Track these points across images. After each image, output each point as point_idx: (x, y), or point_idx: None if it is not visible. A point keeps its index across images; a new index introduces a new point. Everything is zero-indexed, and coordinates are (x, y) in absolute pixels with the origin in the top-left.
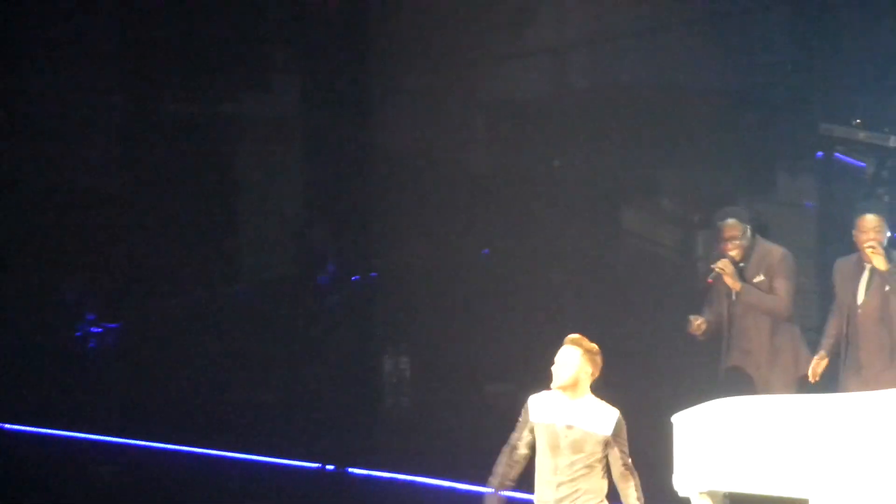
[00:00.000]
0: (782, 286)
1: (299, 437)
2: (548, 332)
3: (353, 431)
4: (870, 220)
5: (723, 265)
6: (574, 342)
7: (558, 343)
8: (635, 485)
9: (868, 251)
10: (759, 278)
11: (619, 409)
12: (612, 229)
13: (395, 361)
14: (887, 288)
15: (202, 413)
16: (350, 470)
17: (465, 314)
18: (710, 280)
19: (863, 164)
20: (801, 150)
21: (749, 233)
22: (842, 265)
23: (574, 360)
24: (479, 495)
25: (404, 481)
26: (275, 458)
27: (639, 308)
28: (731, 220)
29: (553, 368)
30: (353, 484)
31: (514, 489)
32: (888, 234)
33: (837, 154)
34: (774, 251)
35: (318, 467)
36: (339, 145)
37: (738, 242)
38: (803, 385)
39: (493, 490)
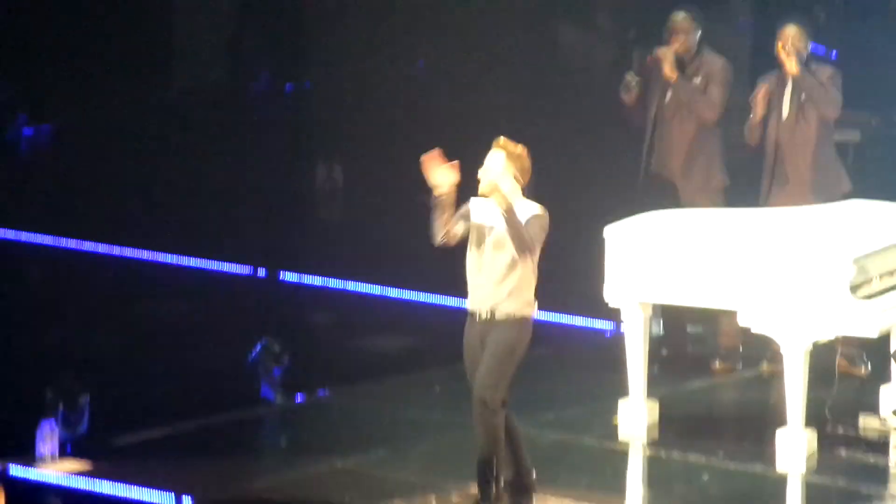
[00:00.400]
0: (716, 92)
1: (231, 242)
2: (480, 140)
3: (286, 238)
4: (789, 29)
5: (664, 52)
6: (498, 145)
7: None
8: (520, 236)
9: (781, 54)
10: (697, 79)
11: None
12: (549, 42)
13: (329, 170)
14: (803, 96)
15: (134, 214)
16: (281, 274)
17: (398, 124)
18: (649, 59)
19: None
20: None
21: (697, 35)
22: (765, 81)
23: (497, 164)
24: (409, 302)
25: (335, 288)
26: (207, 261)
27: (572, 118)
28: (682, 14)
29: (479, 172)
30: (284, 288)
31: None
32: (809, 47)
33: None
34: (716, 59)
35: (250, 272)
36: None
37: (683, 37)
38: (715, 196)
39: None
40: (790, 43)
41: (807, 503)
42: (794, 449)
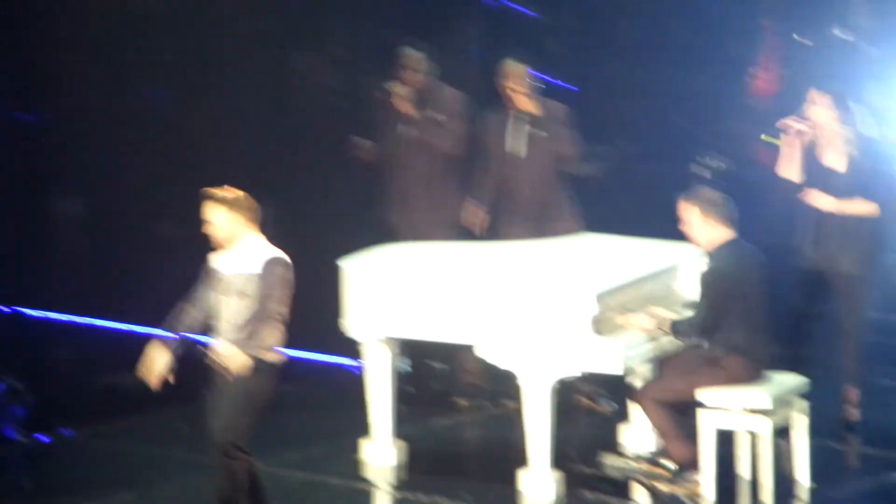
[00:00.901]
0: (456, 124)
1: None
2: (224, 175)
3: (28, 272)
4: (513, 66)
5: (397, 88)
6: (215, 201)
7: (233, 180)
8: (261, 330)
9: (508, 92)
10: (438, 116)
11: (295, 258)
12: (286, 73)
13: (70, 202)
14: (538, 133)
15: None
16: (23, 311)
17: (140, 156)
18: (377, 93)
19: (536, 13)
20: None
21: (428, 69)
22: (491, 117)
23: (222, 219)
24: (153, 337)
25: (79, 323)
26: None
27: (310, 151)
28: (411, 50)
29: (206, 230)
30: (26, 324)
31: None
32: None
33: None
34: (452, 92)
35: None
36: None
37: (414, 73)
38: (457, 230)
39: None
40: (518, 81)
41: None
42: (539, 489)
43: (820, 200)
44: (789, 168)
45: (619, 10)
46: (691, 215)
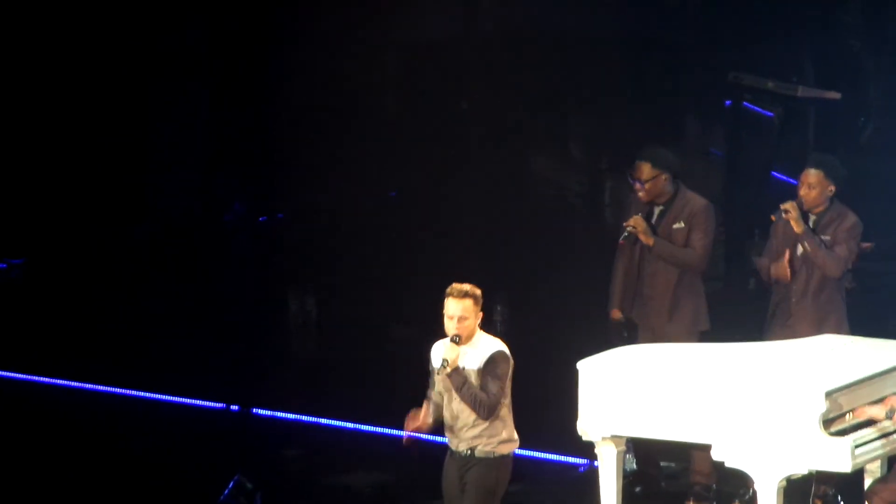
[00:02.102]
0: (699, 240)
1: (205, 378)
2: (453, 277)
3: (259, 372)
4: (810, 174)
5: (635, 221)
6: (463, 294)
7: (468, 279)
8: (479, 404)
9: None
10: (679, 225)
11: (522, 353)
12: (520, 173)
13: (301, 303)
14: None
15: (109, 352)
16: (255, 410)
17: (372, 256)
18: (621, 242)
19: (770, 113)
20: (709, 97)
21: (666, 178)
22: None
23: (469, 312)
24: (383, 435)
25: (308, 422)
26: (181, 398)
27: (546, 254)
28: (645, 164)
29: (448, 323)
30: (258, 424)
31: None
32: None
33: (746, 103)
34: (697, 201)
35: (222, 407)
36: (248, 84)
37: (646, 188)
38: (700, 338)
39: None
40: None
41: None
42: None
43: None
44: None
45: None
46: None
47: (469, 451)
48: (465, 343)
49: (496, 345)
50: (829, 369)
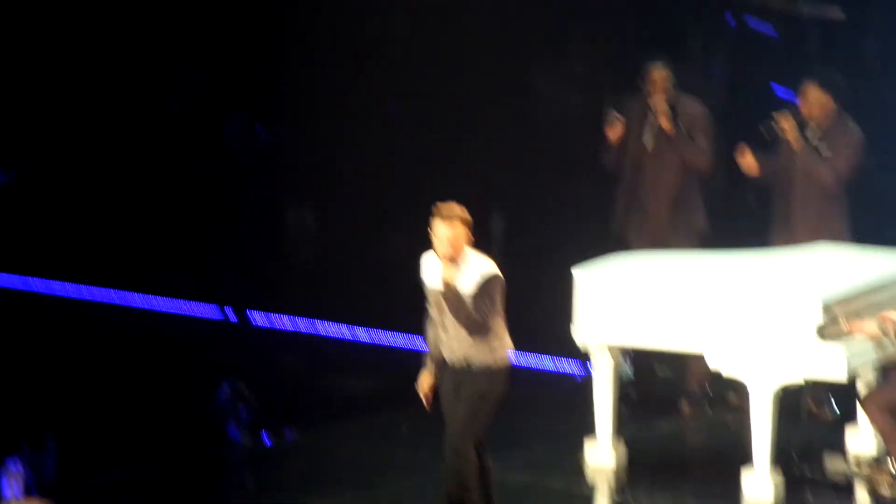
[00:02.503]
0: (703, 139)
1: (201, 284)
2: (454, 185)
3: (257, 279)
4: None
5: (657, 102)
6: (448, 217)
7: (466, 191)
8: (472, 325)
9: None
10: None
11: (519, 262)
12: (523, 88)
13: (300, 212)
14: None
15: (105, 257)
16: (252, 316)
17: (370, 167)
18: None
19: (773, 30)
20: (710, 13)
21: (673, 84)
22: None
23: (454, 234)
24: (378, 343)
25: (303, 329)
26: (177, 302)
27: (543, 156)
28: (660, 64)
29: (436, 242)
30: (253, 330)
31: None
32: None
33: (747, 18)
34: (695, 105)
35: (220, 313)
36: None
37: (664, 88)
38: (695, 240)
39: (429, 354)
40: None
41: None
42: (761, 491)
43: None
44: None
45: (861, 28)
46: None
47: (465, 363)
48: (456, 261)
49: (487, 265)
50: (827, 278)
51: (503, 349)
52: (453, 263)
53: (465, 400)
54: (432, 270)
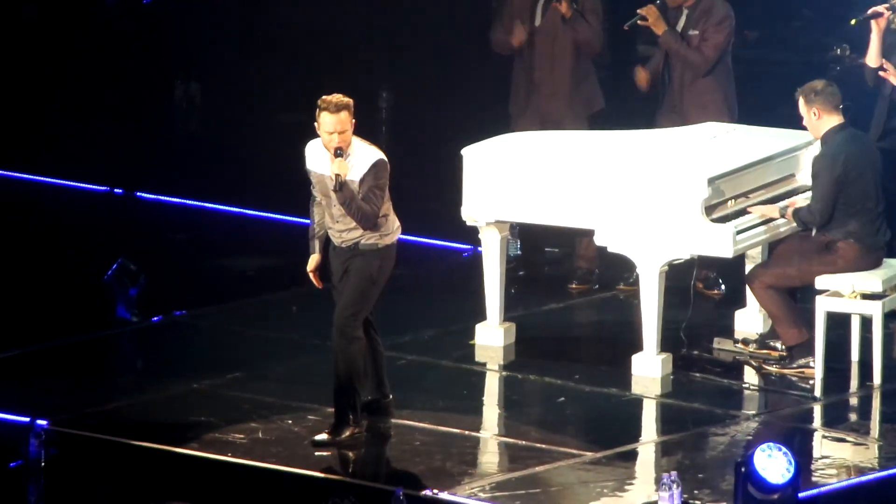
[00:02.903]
0: (595, 21)
1: (89, 161)
2: (343, 64)
3: (144, 155)
4: None
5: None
6: (338, 108)
7: (349, 73)
8: (363, 217)
9: None
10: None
11: (408, 142)
12: None
13: (186, 87)
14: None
15: None
16: (139, 194)
17: (257, 41)
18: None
19: None
20: None
21: None
22: None
23: (346, 125)
24: (267, 221)
25: (193, 206)
26: (65, 181)
27: (432, 40)
28: None
29: (327, 138)
30: (142, 207)
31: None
32: None
33: None
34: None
35: (106, 190)
36: None
37: None
38: (592, 123)
39: (313, 237)
40: None
41: (662, 424)
42: (648, 369)
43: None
44: (870, 54)
45: None
46: (799, 106)
47: (353, 244)
48: (345, 154)
49: (374, 153)
50: (713, 156)
51: (392, 232)
52: (342, 155)
53: (351, 281)
54: (319, 159)
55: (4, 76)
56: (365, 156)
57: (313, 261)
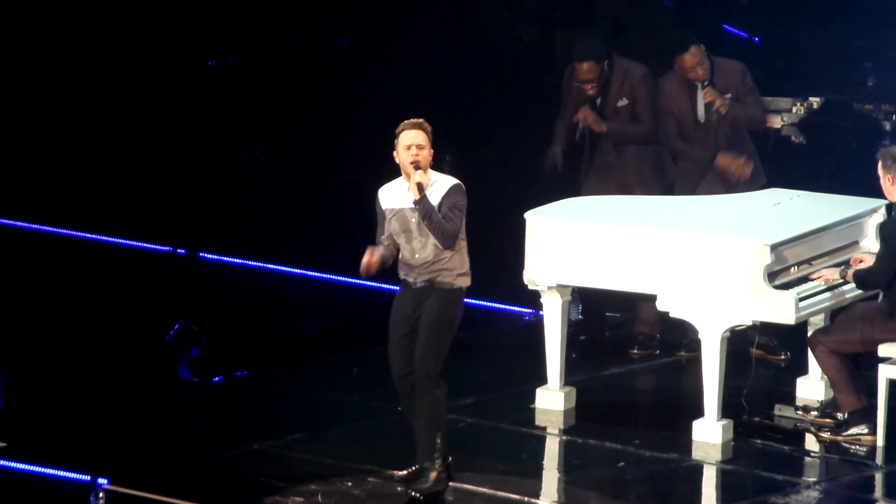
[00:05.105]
0: (645, 110)
1: (151, 220)
2: (400, 118)
3: (206, 217)
4: (689, 56)
5: (584, 115)
6: (417, 125)
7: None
8: (443, 233)
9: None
10: (623, 102)
11: (470, 205)
12: (471, 24)
13: (250, 148)
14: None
15: (55, 192)
16: (202, 254)
17: (320, 102)
18: (576, 139)
19: None
20: None
21: (606, 66)
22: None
23: (425, 141)
24: (328, 283)
25: (254, 266)
26: (129, 240)
27: (497, 105)
28: (586, 64)
29: (405, 154)
30: (204, 267)
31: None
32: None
33: None
34: (635, 70)
35: (169, 250)
36: None
37: (595, 84)
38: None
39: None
40: (697, 72)
41: (722, 491)
42: (709, 435)
43: None
44: None
45: None
46: (878, 169)
47: (428, 283)
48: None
49: (452, 179)
50: (776, 222)
51: (466, 272)
52: (420, 168)
53: (428, 324)
54: (394, 196)
55: (73, 136)
56: (443, 182)
57: (374, 253)
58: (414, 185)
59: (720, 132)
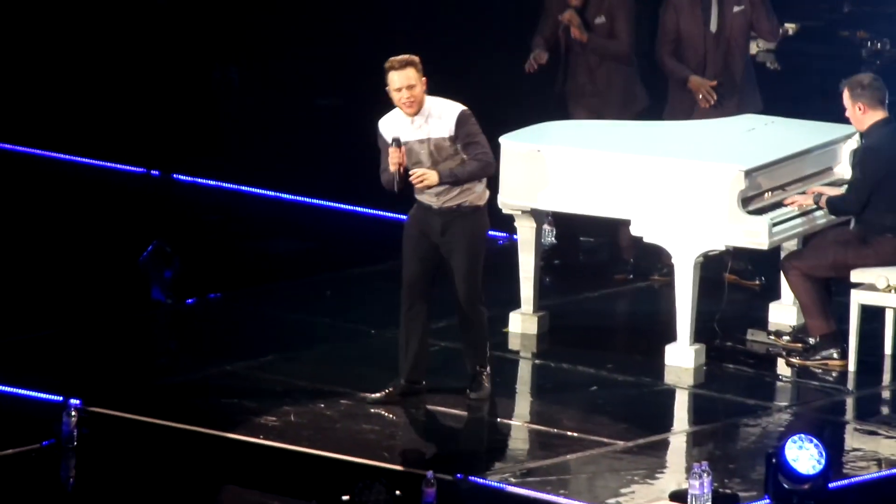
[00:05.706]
0: (623, 29)
1: (126, 142)
2: (377, 46)
3: (180, 138)
4: None
5: (569, 16)
6: (404, 64)
7: (384, 57)
8: (477, 165)
9: None
10: (601, 20)
11: None
12: None
13: (224, 70)
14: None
15: (31, 113)
16: (175, 175)
17: (295, 26)
18: (560, 33)
19: None
20: None
21: None
22: None
23: (415, 80)
24: (302, 205)
25: (228, 188)
26: (102, 161)
27: (472, 30)
28: None
29: (397, 96)
30: (177, 189)
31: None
32: None
33: None
34: None
35: (143, 171)
36: None
37: None
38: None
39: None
40: None
41: (693, 415)
42: (682, 360)
43: None
44: None
45: None
46: (844, 99)
47: (455, 206)
48: (420, 112)
49: (455, 106)
50: (750, 148)
51: (484, 188)
52: (417, 113)
53: (463, 250)
54: (397, 127)
55: (46, 57)
56: (446, 111)
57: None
58: (422, 175)
59: (734, 44)
